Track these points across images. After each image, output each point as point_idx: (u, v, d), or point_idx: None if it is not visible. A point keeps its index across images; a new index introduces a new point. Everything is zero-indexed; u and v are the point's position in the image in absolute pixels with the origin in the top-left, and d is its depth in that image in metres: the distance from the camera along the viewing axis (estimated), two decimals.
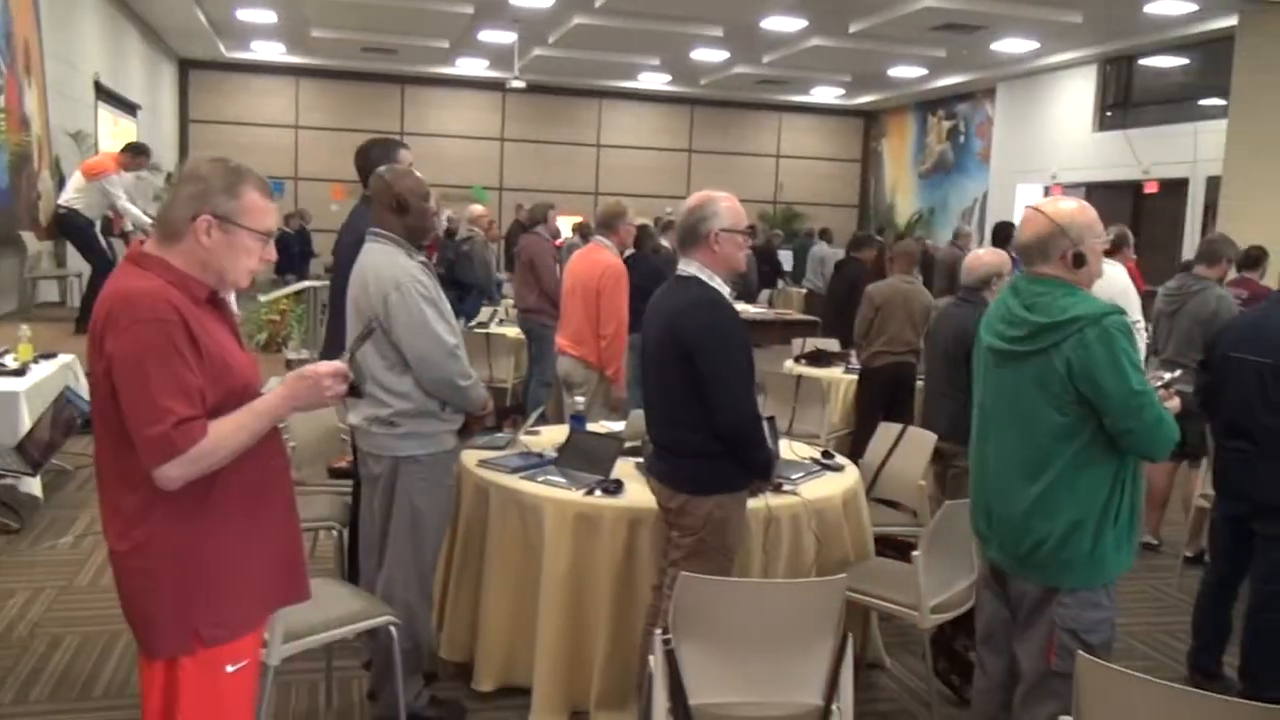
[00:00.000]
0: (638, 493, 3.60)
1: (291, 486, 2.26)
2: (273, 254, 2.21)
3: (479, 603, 3.83)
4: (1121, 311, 2.69)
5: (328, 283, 5.53)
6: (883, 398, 6.18)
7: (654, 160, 21.52)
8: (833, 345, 7.90)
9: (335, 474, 4.68)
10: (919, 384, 6.22)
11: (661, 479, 3.27)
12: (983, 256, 5.01)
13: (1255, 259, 6.81)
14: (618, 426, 4.64)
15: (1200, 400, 4.11)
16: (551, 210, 8.41)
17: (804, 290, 14.79)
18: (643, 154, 21.56)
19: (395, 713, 3.33)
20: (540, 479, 3.80)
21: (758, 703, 2.84)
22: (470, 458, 4.00)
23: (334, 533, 4.26)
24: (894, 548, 4.28)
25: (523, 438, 4.36)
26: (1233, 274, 6.31)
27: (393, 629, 3.22)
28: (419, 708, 3.56)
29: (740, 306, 11.57)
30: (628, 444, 4.11)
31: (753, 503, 3.49)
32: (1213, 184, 12.50)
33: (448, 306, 3.52)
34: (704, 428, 3.10)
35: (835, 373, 7.12)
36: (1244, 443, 3.84)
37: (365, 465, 3.59)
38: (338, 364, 2.20)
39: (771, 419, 3.96)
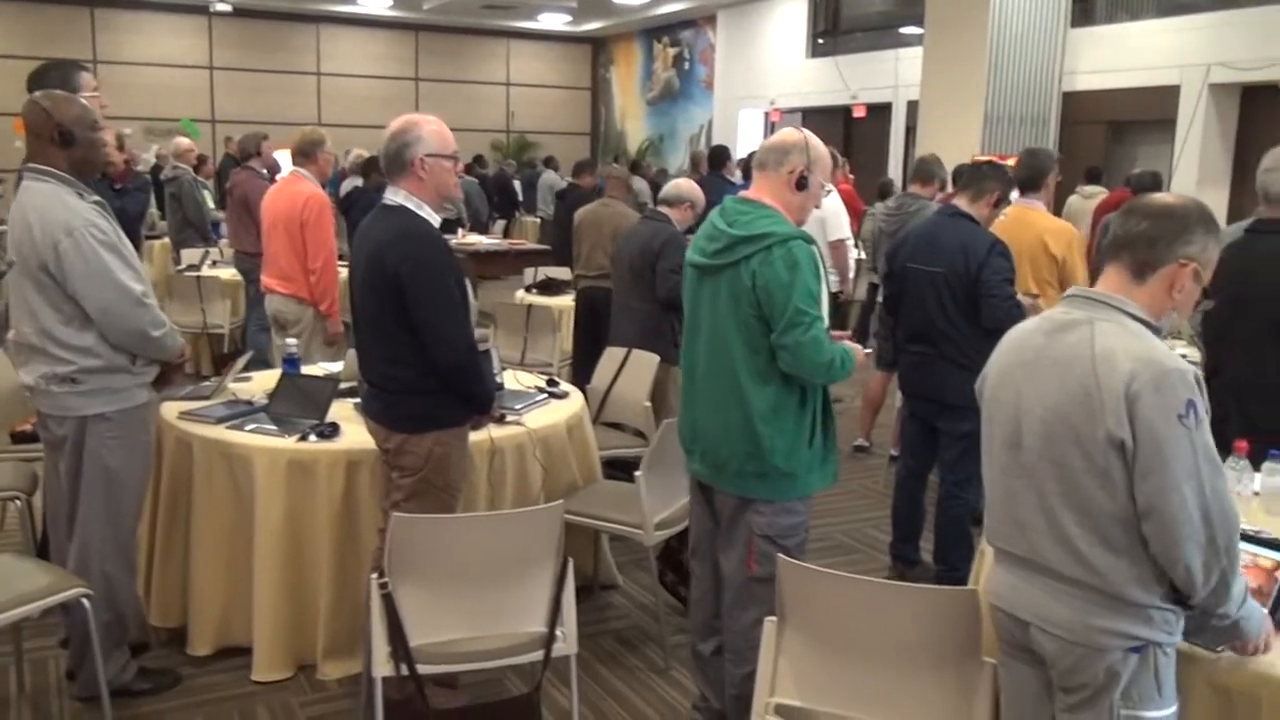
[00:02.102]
0: (356, 434, 3.47)
1: None
2: None
3: (189, 564, 3.60)
4: (811, 240, 2.80)
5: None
6: (585, 322, 6.26)
7: (379, 89, 20.65)
8: (563, 273, 7.89)
9: (19, 438, 4.25)
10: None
11: (377, 419, 3.15)
12: (680, 183, 5.25)
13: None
14: (336, 367, 4.45)
15: (886, 309, 4.40)
16: (265, 141, 7.73)
17: (538, 219, 14.76)
18: (367, 82, 20.64)
19: (96, 690, 3.08)
20: (249, 428, 3.60)
21: (481, 636, 2.82)
22: (171, 410, 3.73)
23: (18, 503, 3.87)
24: (624, 469, 4.37)
25: (230, 385, 4.10)
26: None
27: (85, 601, 2.96)
28: (127, 680, 3.34)
29: (473, 238, 11.45)
30: (344, 384, 3.95)
31: (476, 436, 3.45)
32: (913, 108, 13.36)
33: (130, 249, 3.23)
34: (418, 363, 3.00)
35: (565, 300, 7.12)
36: (925, 347, 4.14)
37: (46, 428, 3.27)
38: None
39: (492, 349, 3.93)
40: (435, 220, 3.09)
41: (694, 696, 3.24)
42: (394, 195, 3.06)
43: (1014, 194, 4.59)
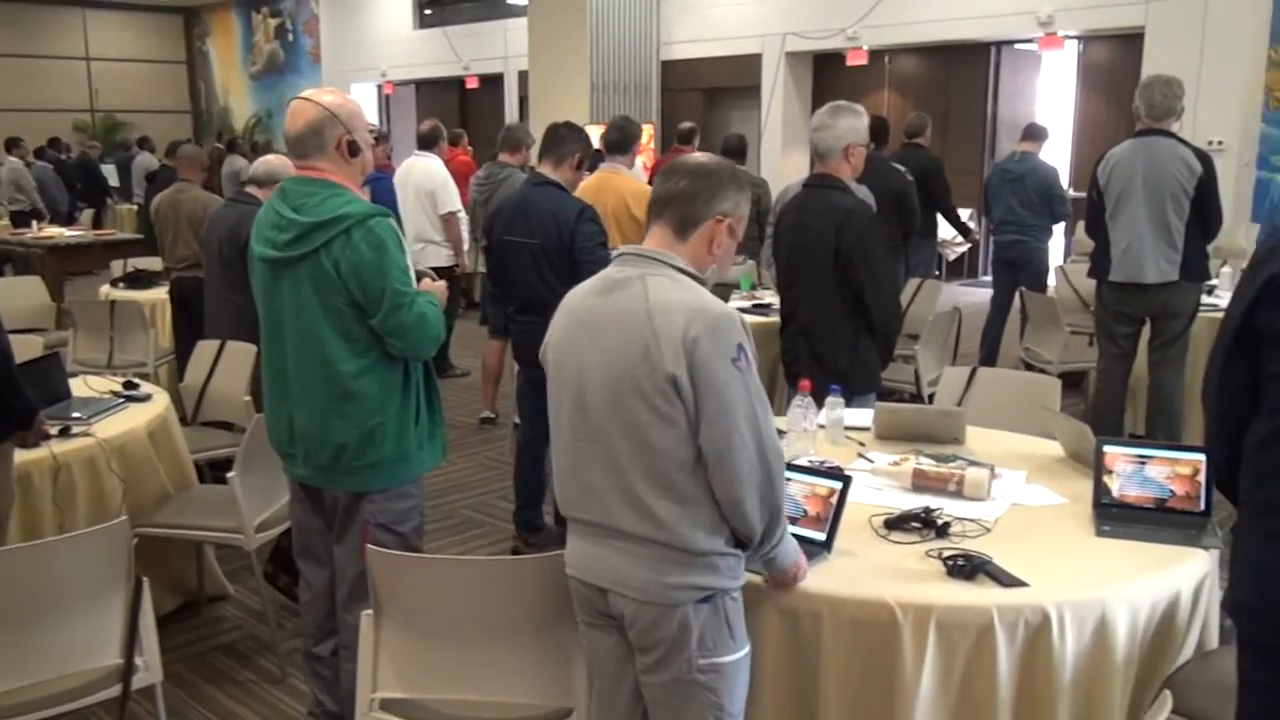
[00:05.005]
0: None
1: None
2: None
3: None
4: (388, 214, 2.67)
5: None
6: (182, 316, 5.80)
7: None
8: (155, 263, 7.20)
9: None
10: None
11: None
12: (270, 160, 4.85)
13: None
14: None
15: (491, 280, 4.38)
16: None
17: (135, 206, 13.49)
18: None
19: None
20: None
21: (40, 682, 2.48)
22: None
23: None
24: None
25: None
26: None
27: None
28: None
29: (52, 230, 10.25)
30: None
31: (32, 454, 3.06)
32: (524, 78, 13.50)
33: None
34: None
35: (160, 293, 6.52)
36: (532, 316, 4.13)
37: None
38: None
39: (55, 354, 3.50)
40: None
41: (310, 702, 3.07)
42: None
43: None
